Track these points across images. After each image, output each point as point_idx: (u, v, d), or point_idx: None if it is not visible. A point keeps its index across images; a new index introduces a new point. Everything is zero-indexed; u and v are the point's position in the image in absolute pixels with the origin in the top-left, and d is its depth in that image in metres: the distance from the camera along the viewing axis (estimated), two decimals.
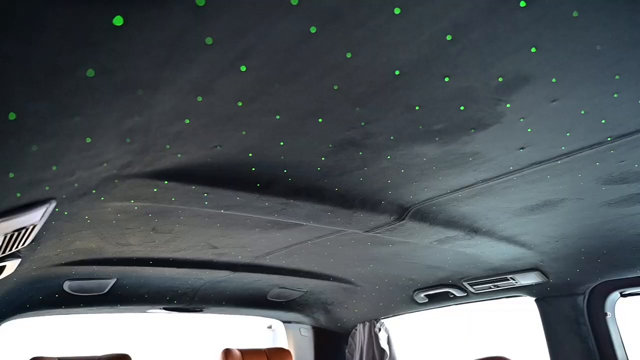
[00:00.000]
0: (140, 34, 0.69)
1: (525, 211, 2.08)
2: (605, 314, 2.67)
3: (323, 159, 1.49)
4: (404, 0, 0.80)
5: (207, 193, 1.62)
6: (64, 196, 1.34)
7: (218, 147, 1.32)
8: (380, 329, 3.70)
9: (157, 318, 4.31)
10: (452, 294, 3.17)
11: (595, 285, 2.68)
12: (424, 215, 2.08)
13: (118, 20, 0.63)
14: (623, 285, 2.64)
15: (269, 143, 1.34)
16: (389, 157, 1.52)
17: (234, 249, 2.56)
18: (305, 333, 3.97)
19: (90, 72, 0.73)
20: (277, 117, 1.19)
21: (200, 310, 3.56)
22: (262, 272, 3.06)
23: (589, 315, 2.72)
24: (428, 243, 2.44)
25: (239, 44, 0.81)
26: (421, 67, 1.03)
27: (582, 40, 0.99)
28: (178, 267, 2.76)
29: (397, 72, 1.04)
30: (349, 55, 0.94)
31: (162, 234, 2.17)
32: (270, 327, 6.49)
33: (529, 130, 1.39)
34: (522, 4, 0.86)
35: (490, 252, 2.60)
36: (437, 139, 1.41)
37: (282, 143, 1.35)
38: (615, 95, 1.22)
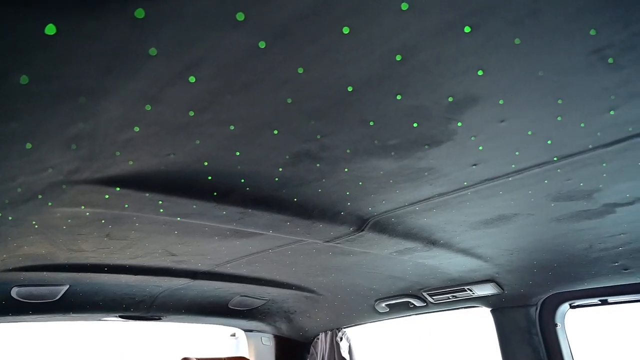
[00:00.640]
0: (76, 43, 0.67)
1: (481, 225, 2.14)
2: (556, 325, 2.77)
3: (280, 169, 1.49)
4: (353, 21, 0.82)
5: (162, 201, 1.59)
6: (6, 201, 1.29)
7: (171, 155, 1.30)
8: (342, 338, 3.71)
9: (115, 326, 4.17)
10: (412, 304, 3.22)
11: (547, 297, 2.78)
12: (383, 226, 2.11)
13: (50, 30, 0.62)
14: (572, 297, 2.75)
15: (225, 153, 1.33)
16: (346, 169, 1.53)
17: (193, 256, 2.52)
18: (267, 342, 3.94)
19: (24, 79, 0.71)
20: (232, 127, 1.18)
21: (159, 319, 3.48)
22: (223, 280, 3.02)
23: (541, 326, 2.81)
24: (388, 254, 2.47)
25: (185, 55, 0.80)
26: (373, 84, 1.05)
27: (525, 66, 1.03)
28: (135, 274, 2.68)
29: (350, 89, 1.06)
30: (300, 70, 0.95)
31: (117, 240, 2.11)
32: (234, 335, 6.40)
33: (480, 148, 1.43)
34: (467, 29, 0.89)
35: (448, 263, 2.66)
36: (392, 153, 1.44)
37: (238, 153, 1.34)
38: (559, 119, 1.28)
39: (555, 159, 1.52)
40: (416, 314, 3.35)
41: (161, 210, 1.67)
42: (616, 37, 0.96)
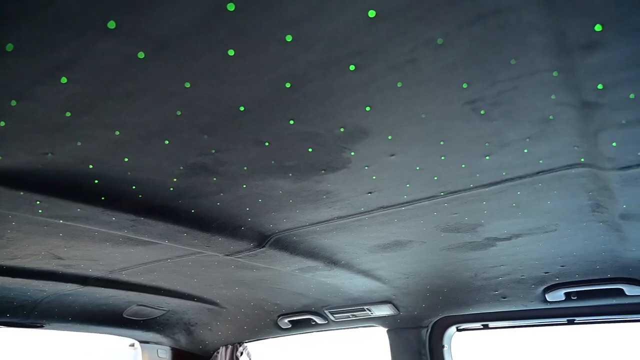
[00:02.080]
0: None
1: (379, 248, 2.23)
2: (443, 346, 2.95)
3: (175, 180, 1.45)
4: (237, 45, 0.82)
5: (40, 201, 1.46)
6: None
7: (49, 155, 1.21)
8: (242, 353, 3.64)
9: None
10: (314, 321, 3.25)
11: (437, 320, 2.96)
12: (285, 244, 2.12)
13: None
14: (459, 320, 2.95)
15: (111, 158, 1.26)
16: (244, 186, 1.52)
17: (82, 261, 2.34)
18: (163, 355, 3.75)
19: None
20: (117, 132, 1.12)
21: (41, 326, 3.17)
22: (117, 288, 2.83)
23: (430, 347, 2.98)
24: (290, 271, 2.48)
25: (51, 55, 0.75)
26: (265, 107, 1.06)
27: (408, 107, 1.10)
28: (13, 276, 2.43)
29: (241, 108, 1.06)
30: (187, 85, 0.94)
31: None
32: (132, 345, 6.02)
33: (374, 177, 1.50)
34: (352, 67, 0.94)
35: (349, 283, 2.73)
36: (290, 174, 1.46)
37: (126, 159, 1.28)
38: (443, 158, 1.38)
39: (442, 193, 1.64)
40: (317, 331, 3.38)
41: (40, 210, 1.53)
42: (486, 92, 1.06)
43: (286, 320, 3.32)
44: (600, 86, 1.00)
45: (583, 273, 2.41)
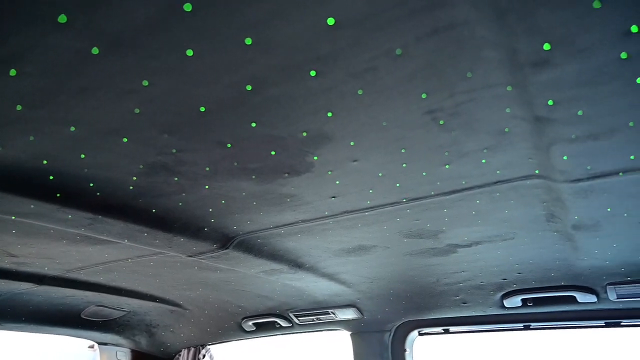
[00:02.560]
0: None
1: (344, 253, 2.25)
2: (405, 350, 2.99)
3: (135, 178, 1.42)
4: (196, 46, 0.82)
5: None
6: None
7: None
8: (204, 355, 3.58)
9: None
10: (279, 323, 3.24)
11: (400, 324, 3.00)
12: (249, 246, 2.11)
13: None
14: (421, 325, 3.00)
15: (67, 154, 1.23)
16: (207, 186, 1.51)
17: (38, 259, 2.26)
18: (122, 357, 3.65)
19: None
20: (72, 128, 1.09)
21: None
22: (75, 288, 2.74)
23: (392, 351, 3.02)
24: (255, 273, 2.47)
25: None
26: (227, 109, 1.06)
27: (369, 115, 1.12)
28: None
29: (202, 109, 1.05)
30: (145, 83, 0.92)
31: None
32: (92, 346, 5.83)
33: (337, 182, 1.51)
34: (312, 73, 0.94)
35: (314, 286, 2.74)
36: (253, 177, 1.45)
37: (83, 156, 1.25)
38: (404, 165, 1.40)
39: (404, 200, 1.66)
40: (282, 334, 3.37)
41: None
42: (444, 103, 1.09)
43: (250, 323, 3.29)
44: (550, 102, 1.05)
45: (539, 280, 2.49)
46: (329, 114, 1.11)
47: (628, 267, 2.23)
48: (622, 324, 2.61)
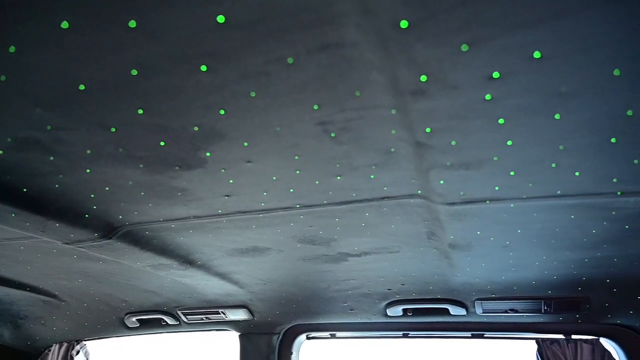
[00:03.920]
0: None
1: (237, 253, 2.22)
2: (291, 353, 3.04)
3: (1, 152, 1.27)
4: (73, 18, 0.76)
5: None
6: None
7: None
8: (78, 352, 3.31)
9: None
10: (165, 321, 3.11)
11: (289, 327, 3.04)
12: (136, 238, 2.00)
13: None
14: (310, 329, 3.07)
15: None
16: (88, 170, 1.40)
17: None
18: None
19: None
20: None
21: None
22: None
23: (279, 353, 3.04)
24: (142, 266, 2.34)
25: None
26: (110, 90, 1.00)
27: (263, 118, 1.13)
28: None
29: (82, 87, 0.98)
30: (12, 49, 0.83)
31: None
32: None
33: (231, 181, 1.50)
34: (203, 68, 0.93)
35: (205, 285, 2.67)
36: (141, 165, 1.38)
37: None
38: (298, 172, 1.43)
39: (297, 205, 1.69)
40: (167, 332, 3.23)
41: None
42: (335, 117, 1.13)
43: (134, 319, 3.11)
44: (428, 130, 1.14)
45: (419, 292, 2.69)
46: (222, 112, 1.09)
47: (493, 285, 2.50)
48: (485, 335, 2.90)
